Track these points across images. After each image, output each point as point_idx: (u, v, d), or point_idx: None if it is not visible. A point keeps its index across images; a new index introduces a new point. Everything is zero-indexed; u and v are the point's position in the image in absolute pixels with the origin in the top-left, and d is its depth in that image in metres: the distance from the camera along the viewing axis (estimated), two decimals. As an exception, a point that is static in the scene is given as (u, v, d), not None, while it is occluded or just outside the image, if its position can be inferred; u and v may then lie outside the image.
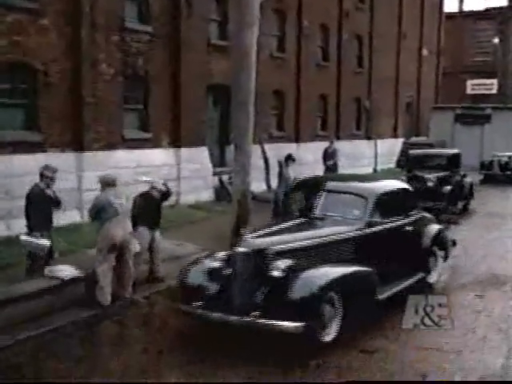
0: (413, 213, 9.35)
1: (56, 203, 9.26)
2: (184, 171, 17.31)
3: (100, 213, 8.42)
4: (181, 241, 12.33)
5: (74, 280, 8.49)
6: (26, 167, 12.94)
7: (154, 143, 16.58)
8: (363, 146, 28.47)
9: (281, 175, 14.29)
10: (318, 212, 8.30)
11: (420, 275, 9.11)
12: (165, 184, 9.83)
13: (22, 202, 12.72)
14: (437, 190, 16.39)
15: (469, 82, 43.50)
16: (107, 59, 14.88)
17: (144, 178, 10.20)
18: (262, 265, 6.90)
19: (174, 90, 17.18)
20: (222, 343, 7.00)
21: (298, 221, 8.30)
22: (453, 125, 31.40)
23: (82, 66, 14.15)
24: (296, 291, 6.65)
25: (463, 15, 46.16)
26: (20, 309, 7.72)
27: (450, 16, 43.17)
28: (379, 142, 28.89)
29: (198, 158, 17.92)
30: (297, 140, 23.31)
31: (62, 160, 13.68)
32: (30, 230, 8.91)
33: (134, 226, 9.20)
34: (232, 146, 14.38)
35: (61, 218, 13.19)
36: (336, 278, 7.01)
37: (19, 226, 12.57)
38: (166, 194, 9.78)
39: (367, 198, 8.23)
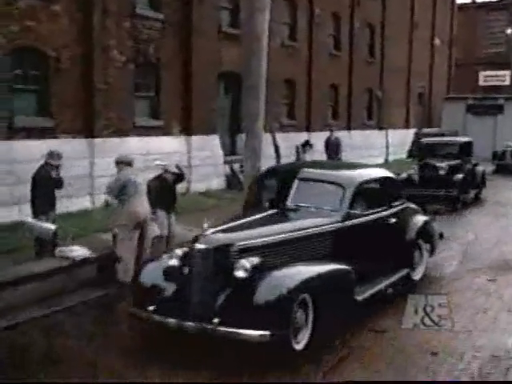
0: (397, 203, 8.51)
1: (59, 184, 9.24)
2: (195, 159, 17.33)
3: (122, 190, 8.55)
4: (191, 227, 12.35)
5: (85, 260, 8.51)
6: (37, 153, 12.99)
7: (164, 131, 16.60)
8: (374, 136, 28.39)
9: (298, 161, 14.23)
10: (290, 203, 7.39)
11: (403, 272, 8.28)
12: (178, 166, 9.86)
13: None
14: (448, 178, 16.29)
15: (481, 74, 43.19)
16: (118, 46, 14.91)
17: (157, 162, 10.22)
18: (224, 264, 6.03)
19: (185, 78, 17.20)
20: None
21: (267, 213, 7.36)
22: (465, 115, 31.21)
23: (94, 52, 14.19)
24: (263, 294, 5.82)
25: (476, 6, 45.72)
26: (31, 288, 7.73)
27: (463, 7, 42.86)
28: (391, 132, 28.82)
29: (209, 145, 17.93)
30: (308, 129, 23.26)
31: (73, 146, 13.77)
32: (35, 213, 8.90)
33: (152, 209, 9.24)
34: (243, 135, 14.41)
35: (73, 204, 13.38)
36: (309, 278, 6.20)
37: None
38: (179, 177, 9.79)
39: (345, 188, 7.37)
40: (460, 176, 16.49)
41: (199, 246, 6.12)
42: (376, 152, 27.35)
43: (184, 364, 5.92)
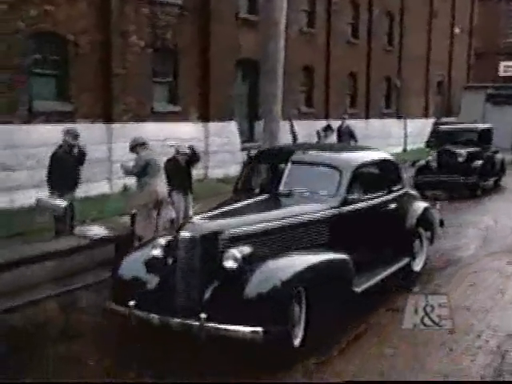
0: (396, 188, 7.95)
1: (81, 160, 9.27)
2: (212, 145, 17.35)
3: (145, 170, 8.70)
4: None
5: (103, 240, 8.58)
6: (56, 137, 13.08)
7: (182, 116, 16.62)
8: (393, 125, 28.20)
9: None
10: (283, 188, 6.82)
11: (404, 261, 7.77)
12: (191, 147, 9.79)
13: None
14: (467, 165, 16.15)
15: (502, 64, 42.62)
16: (137, 31, 14.96)
17: (169, 143, 10.25)
18: (212, 253, 5.47)
19: (203, 64, 17.20)
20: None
21: (258, 198, 6.89)
22: (484, 105, 30.84)
23: (112, 37, 14.26)
24: (255, 286, 5.27)
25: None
26: (48, 266, 7.80)
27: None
28: (409, 121, 28.60)
29: (227, 132, 17.94)
30: (326, 117, 23.14)
31: (91, 131, 13.81)
32: (52, 192, 8.96)
33: (167, 191, 9.28)
34: (261, 122, 14.39)
35: (91, 188, 13.46)
36: (305, 269, 5.67)
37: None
38: (193, 158, 9.75)
39: (342, 171, 6.83)
40: (479, 163, 16.34)
41: (184, 233, 5.55)
42: (394, 141, 27.16)
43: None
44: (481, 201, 15.47)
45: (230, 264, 5.40)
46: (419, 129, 29.89)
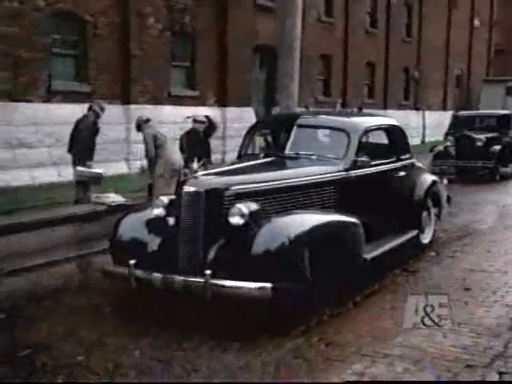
0: (404, 157, 7.70)
1: (97, 131, 9.60)
2: (229, 130, 17.39)
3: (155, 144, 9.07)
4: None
5: (120, 207, 8.66)
6: (75, 116, 13.22)
7: (200, 101, 16.69)
8: (411, 117, 28.04)
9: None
10: (288, 151, 6.56)
11: (413, 233, 7.52)
12: (207, 116, 9.87)
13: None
14: (485, 150, 16.02)
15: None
16: (155, 14, 15.10)
17: (186, 115, 10.35)
18: (217, 209, 5.18)
19: (221, 49, 17.29)
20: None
21: (264, 160, 6.62)
22: (504, 98, 30.59)
23: (130, 19, 14.38)
24: (263, 242, 5.01)
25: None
26: (66, 231, 7.90)
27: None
28: (427, 113, 28.45)
29: (244, 117, 17.95)
30: (343, 106, 23.11)
31: (109, 111, 13.75)
32: (75, 160, 9.15)
33: (186, 163, 9.35)
34: (278, 108, 14.46)
35: (109, 168, 13.55)
36: (314, 226, 5.41)
37: (70, 172, 12.93)
38: (210, 126, 9.81)
39: (350, 134, 6.59)
40: (497, 147, 16.19)
41: (188, 188, 5.25)
42: (412, 132, 26.89)
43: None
44: (500, 183, 15.37)
45: (236, 220, 5.12)
46: (437, 121, 29.70)
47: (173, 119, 15.30)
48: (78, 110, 13.27)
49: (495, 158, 16.02)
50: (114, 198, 8.71)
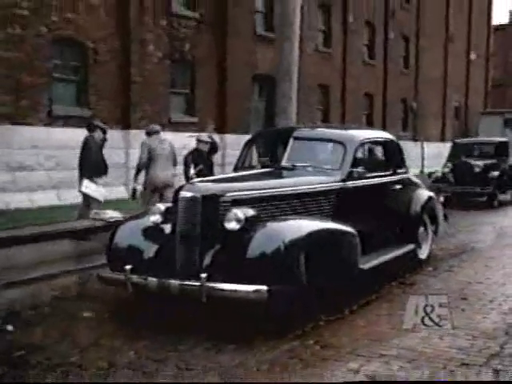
0: (400, 171, 7.76)
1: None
2: (229, 157, 17.45)
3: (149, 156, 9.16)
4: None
5: (117, 222, 8.65)
6: (76, 141, 13.34)
7: (199, 127, 16.76)
8: (410, 147, 28.14)
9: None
10: (285, 162, 6.58)
11: (409, 247, 7.49)
12: (210, 137, 10.05)
13: (73, 174, 13.26)
14: (484, 176, 16.11)
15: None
16: (155, 41, 15.35)
17: (188, 134, 10.49)
18: (213, 215, 5.21)
19: (221, 77, 17.52)
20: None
21: (261, 171, 6.70)
22: (502, 130, 30.71)
23: (131, 46, 14.62)
24: (258, 246, 5.03)
25: (514, 27, 45.60)
26: (66, 245, 7.93)
27: (500, 27, 42.72)
28: (426, 144, 28.60)
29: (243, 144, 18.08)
30: (342, 135, 23.28)
31: (109, 136, 13.99)
32: (81, 177, 9.26)
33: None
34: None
35: (109, 192, 13.62)
36: (310, 232, 5.41)
37: (70, 195, 13.05)
38: (213, 146, 9.97)
39: (346, 145, 6.63)
40: (495, 173, 16.28)
41: (185, 193, 5.29)
42: (411, 163, 27.03)
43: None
44: (499, 209, 15.41)
45: (232, 225, 5.15)
46: (436, 152, 29.88)
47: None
48: (78, 134, 13.46)
49: (494, 183, 16.10)
50: (112, 214, 8.75)
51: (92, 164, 9.28)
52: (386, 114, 26.74)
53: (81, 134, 13.42)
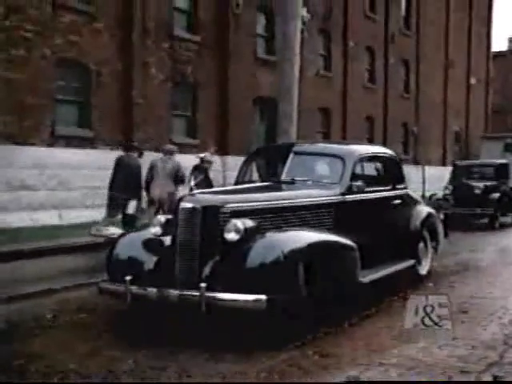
0: (400, 186, 7.80)
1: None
2: (230, 178, 17.53)
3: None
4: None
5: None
6: (78, 161, 13.49)
7: (201, 149, 16.88)
8: (411, 171, 28.17)
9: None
10: (285, 176, 6.62)
11: (409, 262, 7.51)
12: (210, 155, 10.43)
13: (75, 194, 13.40)
14: (484, 197, 16.15)
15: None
16: (157, 64, 15.52)
17: (195, 156, 10.81)
18: (213, 226, 5.24)
19: (222, 100, 17.67)
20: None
21: (261, 184, 6.81)
22: (503, 154, 30.84)
23: (133, 68, 14.77)
24: (258, 255, 5.07)
25: (513, 53, 46.07)
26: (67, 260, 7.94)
27: (500, 54, 43.13)
28: (427, 168, 28.67)
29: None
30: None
31: (111, 157, 14.12)
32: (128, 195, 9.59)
33: None
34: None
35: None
36: (311, 244, 5.47)
37: (71, 215, 13.12)
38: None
39: (345, 160, 6.67)
40: (496, 195, 16.34)
41: (185, 204, 5.33)
42: (412, 186, 27.04)
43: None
44: (500, 230, 15.42)
45: (231, 235, 5.19)
46: (437, 176, 29.88)
47: (174, 166, 15.51)
48: (80, 155, 13.62)
49: (494, 205, 16.13)
50: (113, 231, 8.77)
51: (121, 184, 9.43)
52: (386, 137, 26.84)
53: (83, 154, 13.69)
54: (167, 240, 5.56)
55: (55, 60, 13.13)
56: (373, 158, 7.58)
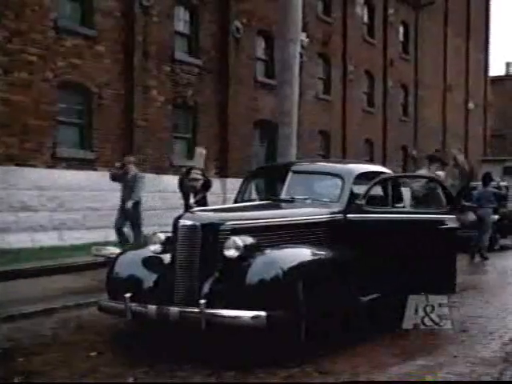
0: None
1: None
2: (230, 201, 17.56)
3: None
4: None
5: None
6: (79, 183, 13.54)
7: (201, 171, 16.96)
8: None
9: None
10: (284, 195, 6.62)
11: None
12: (203, 174, 10.29)
13: (75, 215, 13.42)
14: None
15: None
16: (158, 87, 15.64)
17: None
18: (212, 243, 5.30)
19: (222, 122, 17.77)
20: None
21: (260, 202, 6.82)
22: (502, 178, 30.97)
23: (134, 91, 14.86)
24: (257, 272, 5.11)
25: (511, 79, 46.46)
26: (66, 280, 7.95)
27: (498, 79, 43.51)
28: (427, 190, 28.77)
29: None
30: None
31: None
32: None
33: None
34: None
35: (111, 234, 13.68)
36: (310, 261, 5.56)
37: (72, 236, 13.14)
38: (206, 184, 10.22)
39: (344, 178, 6.62)
40: (495, 217, 16.31)
41: (184, 221, 5.38)
42: (412, 209, 27.24)
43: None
44: (499, 252, 15.42)
45: (231, 253, 5.20)
46: (437, 198, 30.01)
47: (173, 189, 15.48)
48: (81, 176, 13.67)
49: (494, 227, 16.12)
50: (113, 251, 8.79)
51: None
52: (386, 160, 26.90)
53: (84, 175, 13.75)
54: (167, 257, 5.58)
55: (57, 83, 13.24)
56: (372, 176, 7.37)
